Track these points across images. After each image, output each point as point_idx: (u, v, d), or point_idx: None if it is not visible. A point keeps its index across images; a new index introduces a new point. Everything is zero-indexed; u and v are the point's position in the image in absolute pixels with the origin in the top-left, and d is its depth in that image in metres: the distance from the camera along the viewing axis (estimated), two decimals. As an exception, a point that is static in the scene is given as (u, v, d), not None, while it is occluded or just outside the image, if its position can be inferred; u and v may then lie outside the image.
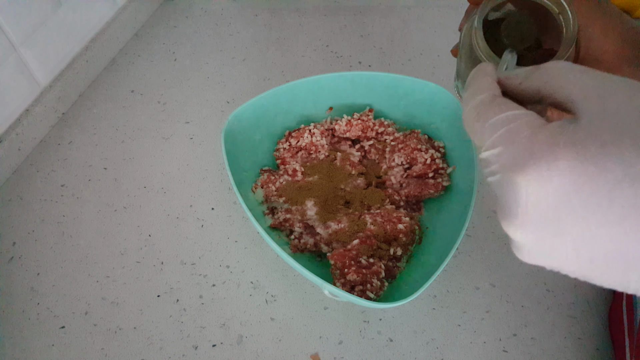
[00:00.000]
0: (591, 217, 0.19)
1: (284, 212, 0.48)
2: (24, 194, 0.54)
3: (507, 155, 0.21)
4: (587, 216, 0.19)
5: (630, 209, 0.18)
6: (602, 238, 0.19)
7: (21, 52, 0.53)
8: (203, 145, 0.58)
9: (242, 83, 0.65)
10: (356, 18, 0.74)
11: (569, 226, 0.19)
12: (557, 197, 0.19)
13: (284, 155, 0.52)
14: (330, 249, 0.46)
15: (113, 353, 0.43)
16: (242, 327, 0.45)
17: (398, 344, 0.44)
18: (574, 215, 0.19)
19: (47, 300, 0.46)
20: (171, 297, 0.46)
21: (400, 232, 0.45)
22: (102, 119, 0.61)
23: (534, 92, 0.24)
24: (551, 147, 0.19)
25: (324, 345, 0.44)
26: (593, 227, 0.19)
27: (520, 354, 0.43)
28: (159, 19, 0.73)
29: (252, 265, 0.48)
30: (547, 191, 0.19)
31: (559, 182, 0.19)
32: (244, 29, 0.72)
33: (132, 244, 0.50)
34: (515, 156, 0.20)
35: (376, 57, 0.68)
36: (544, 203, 0.19)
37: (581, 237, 0.19)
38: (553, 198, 0.19)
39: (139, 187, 0.54)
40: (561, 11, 0.31)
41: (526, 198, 0.20)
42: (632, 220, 0.18)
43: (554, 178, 0.19)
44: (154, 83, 0.65)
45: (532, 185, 0.19)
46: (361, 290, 0.42)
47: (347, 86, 0.54)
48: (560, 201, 0.19)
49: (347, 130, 0.53)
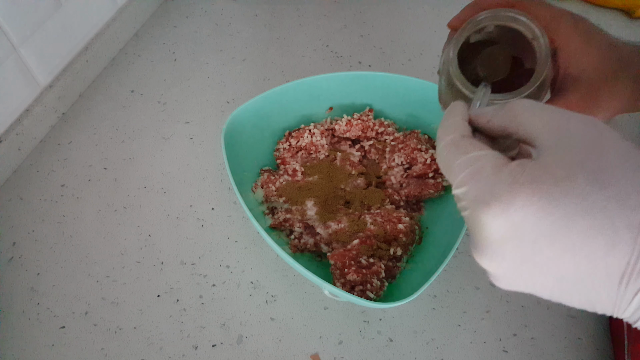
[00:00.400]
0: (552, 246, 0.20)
1: (284, 212, 0.48)
2: (24, 194, 0.54)
3: (472, 193, 0.23)
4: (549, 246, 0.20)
5: (586, 238, 0.19)
6: (566, 265, 0.20)
7: (21, 52, 0.53)
8: (203, 145, 0.58)
9: (242, 83, 0.65)
10: (356, 18, 0.74)
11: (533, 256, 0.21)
12: (518, 231, 0.21)
13: (284, 155, 0.52)
14: (330, 249, 0.46)
15: (113, 353, 0.43)
16: (242, 327, 0.45)
17: (398, 344, 0.44)
18: (536, 247, 0.20)
19: (47, 300, 0.46)
20: (171, 297, 0.46)
21: (400, 232, 0.45)
22: (102, 119, 0.61)
23: (501, 129, 0.26)
24: (511, 185, 0.21)
25: (324, 345, 0.44)
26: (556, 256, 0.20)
27: (520, 354, 0.43)
28: (159, 19, 0.73)
29: (252, 265, 0.48)
30: (509, 226, 0.21)
31: (519, 217, 0.20)
32: (244, 29, 0.72)
33: (132, 244, 0.50)
34: (479, 194, 0.22)
35: (376, 57, 0.68)
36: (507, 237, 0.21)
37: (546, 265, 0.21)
38: (515, 232, 0.21)
39: (139, 187, 0.54)
40: (534, 37, 0.32)
41: (491, 233, 0.21)
42: (590, 248, 0.19)
43: (515, 214, 0.21)
44: (154, 83, 0.65)
45: (496, 221, 0.21)
46: (361, 290, 0.42)
47: (347, 86, 0.54)
48: (523, 234, 0.21)
49: (347, 130, 0.53)
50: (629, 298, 0.20)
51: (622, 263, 0.19)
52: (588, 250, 0.20)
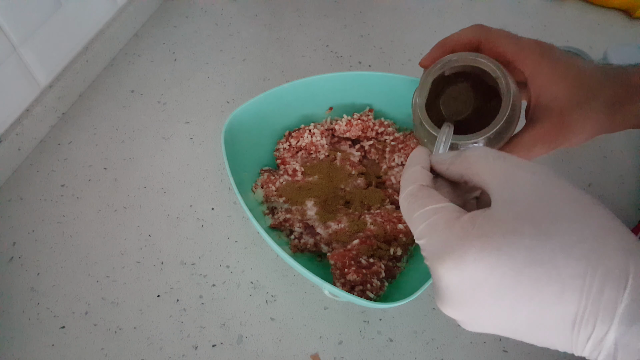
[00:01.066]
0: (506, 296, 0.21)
1: (284, 212, 0.48)
2: (24, 194, 0.54)
3: (429, 247, 0.24)
4: (503, 296, 0.21)
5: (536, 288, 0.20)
6: (521, 313, 0.21)
7: (21, 52, 0.53)
8: (203, 145, 0.58)
9: (242, 83, 0.65)
10: (356, 18, 0.74)
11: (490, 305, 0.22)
12: (472, 283, 0.22)
13: (284, 155, 0.52)
14: (330, 249, 0.46)
15: (113, 353, 0.43)
16: (242, 327, 0.45)
17: (398, 344, 0.44)
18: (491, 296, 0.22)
19: (47, 300, 0.46)
20: (171, 297, 0.46)
21: (400, 232, 0.45)
22: (102, 119, 0.61)
23: (459, 176, 0.27)
24: (462, 240, 0.22)
25: (324, 345, 0.44)
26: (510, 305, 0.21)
27: (520, 354, 0.43)
28: (159, 19, 0.73)
29: (252, 265, 0.48)
30: (463, 279, 0.22)
31: (472, 271, 0.22)
32: (244, 29, 0.72)
33: (132, 244, 0.50)
34: (434, 249, 0.23)
35: (376, 57, 0.68)
36: (462, 289, 0.22)
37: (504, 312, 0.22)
38: (469, 284, 0.22)
39: (139, 187, 0.54)
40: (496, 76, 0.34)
41: (448, 285, 0.23)
42: (541, 298, 0.20)
43: (467, 268, 0.22)
44: (154, 83, 0.65)
45: (450, 274, 0.22)
46: (361, 290, 0.42)
47: (347, 86, 0.54)
48: (476, 286, 0.22)
49: (347, 130, 0.53)
50: (582, 342, 0.20)
51: (572, 311, 0.20)
52: (539, 300, 0.21)
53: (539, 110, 0.34)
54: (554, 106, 0.34)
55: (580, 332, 0.20)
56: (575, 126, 0.34)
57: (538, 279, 0.20)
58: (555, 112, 0.34)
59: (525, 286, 0.21)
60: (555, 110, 0.34)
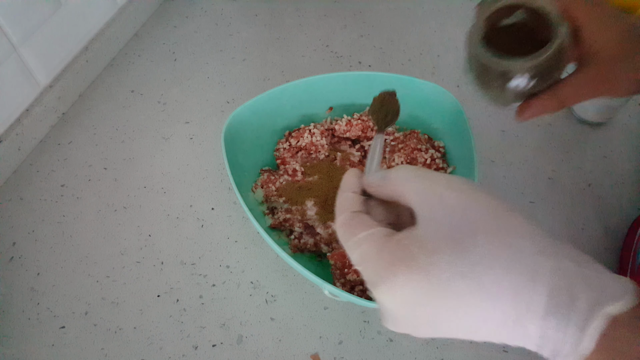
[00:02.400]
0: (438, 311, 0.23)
1: (284, 212, 0.48)
2: (24, 194, 0.54)
3: (365, 275, 0.25)
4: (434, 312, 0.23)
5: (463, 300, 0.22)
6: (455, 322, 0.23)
7: (21, 52, 0.53)
8: (203, 145, 0.58)
9: (242, 83, 0.65)
10: (356, 18, 0.73)
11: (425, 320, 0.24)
12: (405, 304, 0.24)
13: (284, 155, 0.52)
14: (330, 249, 0.46)
15: (113, 353, 0.43)
16: (242, 327, 0.45)
17: (398, 344, 0.44)
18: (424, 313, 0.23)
19: (47, 300, 0.46)
20: (171, 297, 0.46)
21: (400, 232, 0.45)
22: (102, 119, 0.61)
23: (388, 197, 0.28)
24: (391, 266, 0.24)
25: (324, 345, 0.44)
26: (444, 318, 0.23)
27: (520, 354, 0.43)
28: (159, 19, 0.73)
29: (252, 265, 0.48)
30: (395, 301, 0.24)
31: (403, 292, 0.23)
32: (244, 29, 0.72)
33: (132, 244, 0.50)
34: (369, 276, 0.25)
35: (376, 57, 0.68)
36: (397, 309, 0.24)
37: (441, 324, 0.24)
38: (402, 305, 0.24)
39: (139, 187, 0.54)
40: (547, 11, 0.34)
41: (386, 307, 0.25)
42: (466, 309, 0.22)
43: (399, 291, 0.23)
44: (154, 83, 0.65)
45: (385, 298, 0.24)
46: (361, 290, 0.42)
47: (347, 86, 0.54)
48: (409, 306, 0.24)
49: (347, 130, 0.53)
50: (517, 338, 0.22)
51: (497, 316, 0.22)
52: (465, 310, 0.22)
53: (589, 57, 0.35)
54: (603, 53, 0.34)
55: (509, 331, 0.22)
56: (620, 76, 0.34)
57: (462, 291, 0.22)
58: (603, 60, 0.34)
59: (453, 300, 0.22)
60: (605, 57, 0.34)
